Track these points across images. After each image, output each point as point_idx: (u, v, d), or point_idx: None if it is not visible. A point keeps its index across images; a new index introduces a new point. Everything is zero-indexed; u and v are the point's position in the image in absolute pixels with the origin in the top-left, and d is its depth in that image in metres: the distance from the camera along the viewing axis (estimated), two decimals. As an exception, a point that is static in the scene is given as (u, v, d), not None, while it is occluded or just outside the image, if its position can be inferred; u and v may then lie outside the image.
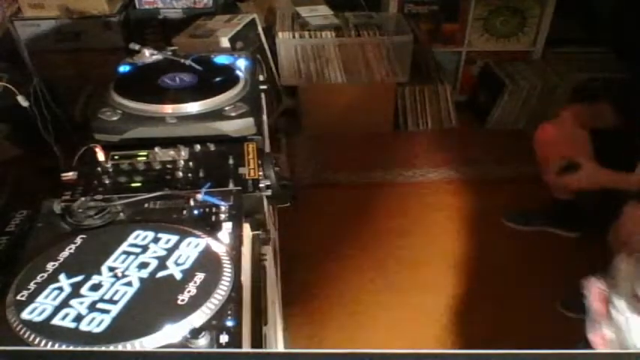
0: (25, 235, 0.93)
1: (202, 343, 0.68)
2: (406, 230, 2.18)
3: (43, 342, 0.68)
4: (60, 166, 1.82)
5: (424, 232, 2.17)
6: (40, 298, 0.74)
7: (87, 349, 0.67)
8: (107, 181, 1.08)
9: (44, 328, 0.70)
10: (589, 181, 1.76)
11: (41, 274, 0.78)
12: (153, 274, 0.79)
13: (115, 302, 0.74)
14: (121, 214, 0.93)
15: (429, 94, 2.81)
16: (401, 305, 1.86)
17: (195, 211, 0.93)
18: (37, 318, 0.72)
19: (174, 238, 0.85)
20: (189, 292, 0.75)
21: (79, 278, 0.78)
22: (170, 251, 0.83)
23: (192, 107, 1.23)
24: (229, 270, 0.79)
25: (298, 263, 1.96)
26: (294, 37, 2.59)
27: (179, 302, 0.74)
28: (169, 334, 0.70)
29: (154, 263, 0.81)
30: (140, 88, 1.31)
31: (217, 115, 1.22)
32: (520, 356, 0.48)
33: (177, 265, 0.80)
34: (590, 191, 1.81)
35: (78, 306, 0.73)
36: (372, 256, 2.06)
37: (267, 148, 1.38)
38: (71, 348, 0.67)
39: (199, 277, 0.78)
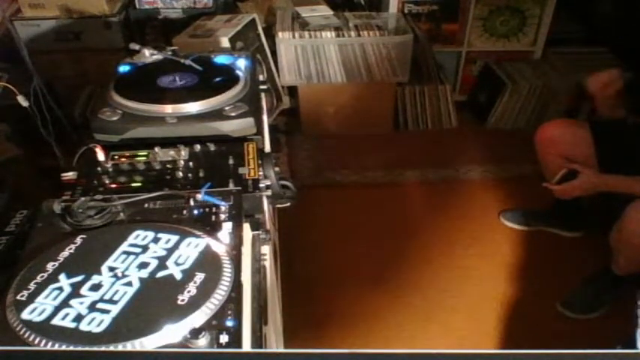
0: (25, 235, 0.92)
1: (202, 343, 0.68)
2: (406, 230, 2.18)
3: (43, 342, 0.68)
4: (60, 166, 1.82)
5: (424, 232, 2.17)
6: (40, 298, 0.74)
7: (87, 349, 0.67)
8: (107, 181, 1.08)
9: (44, 328, 0.70)
10: (588, 187, 1.77)
11: (41, 274, 0.78)
12: (153, 274, 0.79)
13: (115, 302, 0.74)
14: (121, 214, 0.93)
15: (429, 94, 2.82)
16: (401, 305, 1.86)
17: (195, 211, 0.93)
18: (37, 318, 0.71)
19: (175, 238, 0.85)
20: (189, 292, 0.75)
21: (79, 278, 0.78)
22: (170, 251, 0.82)
23: (192, 107, 1.23)
24: (229, 270, 0.79)
25: (298, 263, 1.96)
26: (294, 37, 2.59)
27: (179, 302, 0.74)
28: (169, 334, 0.70)
29: (154, 263, 0.80)
30: (140, 88, 1.31)
31: (217, 115, 1.22)
32: (520, 356, 0.48)
33: (177, 265, 0.80)
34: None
35: (78, 306, 0.73)
36: (371, 256, 2.06)
37: (267, 148, 1.37)
38: (71, 348, 0.67)
39: (199, 277, 0.78)
